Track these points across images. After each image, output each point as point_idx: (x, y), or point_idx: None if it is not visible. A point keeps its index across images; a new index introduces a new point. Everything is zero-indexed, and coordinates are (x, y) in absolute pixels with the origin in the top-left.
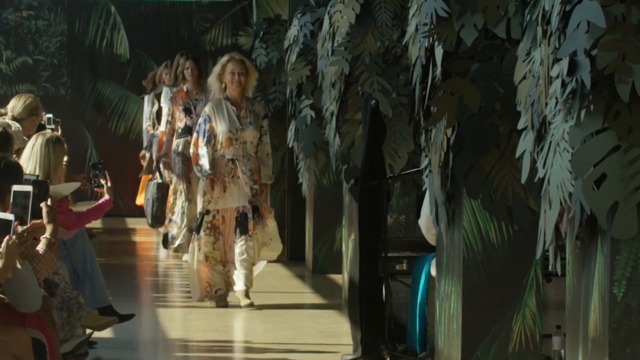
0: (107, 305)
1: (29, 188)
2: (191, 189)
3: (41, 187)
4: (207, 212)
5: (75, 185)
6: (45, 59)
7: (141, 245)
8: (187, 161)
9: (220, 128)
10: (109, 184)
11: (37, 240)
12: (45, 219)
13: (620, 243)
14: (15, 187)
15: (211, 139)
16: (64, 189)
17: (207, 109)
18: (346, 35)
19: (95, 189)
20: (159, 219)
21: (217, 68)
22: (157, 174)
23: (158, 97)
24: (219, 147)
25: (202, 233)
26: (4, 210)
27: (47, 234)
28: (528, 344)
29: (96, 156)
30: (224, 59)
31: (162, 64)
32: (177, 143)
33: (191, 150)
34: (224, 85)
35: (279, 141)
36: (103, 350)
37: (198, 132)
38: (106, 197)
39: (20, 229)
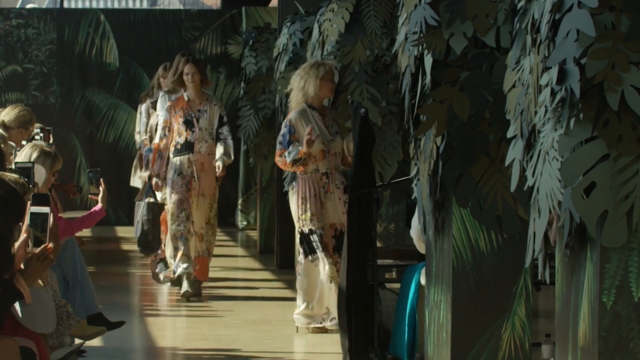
0: (98, 312)
1: (46, 209)
2: (191, 214)
3: (41, 200)
4: (311, 231)
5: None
6: (35, 67)
7: (130, 254)
8: (190, 182)
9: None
10: (103, 192)
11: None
12: (47, 236)
13: (609, 251)
14: (33, 209)
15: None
16: None
17: (292, 118)
18: (336, 44)
19: (90, 195)
20: (150, 244)
21: (314, 80)
22: (150, 192)
23: (155, 105)
24: (311, 161)
25: (320, 254)
26: None
27: None
28: (517, 353)
29: (85, 164)
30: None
31: (160, 66)
32: (176, 161)
33: (278, 162)
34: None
35: (268, 149)
36: (92, 359)
37: (282, 143)
38: (99, 205)
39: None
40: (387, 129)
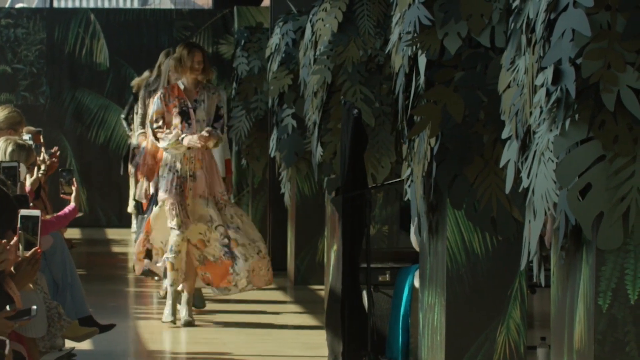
0: (88, 315)
1: (37, 212)
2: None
3: (21, 202)
4: None
5: None
6: (24, 67)
7: (121, 256)
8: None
9: None
10: (75, 192)
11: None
12: (38, 239)
13: (605, 254)
14: (23, 212)
15: None
16: None
17: None
18: (328, 44)
19: (62, 195)
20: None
21: None
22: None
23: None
24: None
25: None
26: None
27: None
28: (512, 356)
29: (75, 166)
30: None
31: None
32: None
33: None
34: None
35: (260, 150)
36: None
37: None
38: (72, 204)
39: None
40: (380, 130)
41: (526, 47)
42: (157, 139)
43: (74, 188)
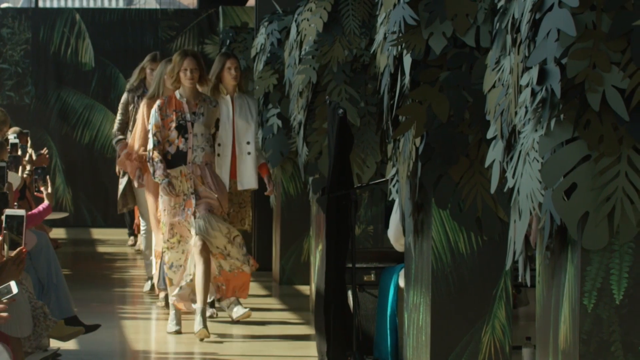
0: (73, 315)
1: (21, 212)
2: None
3: (2, 201)
4: None
5: None
6: (10, 67)
7: (106, 256)
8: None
9: None
10: (49, 190)
11: None
12: (23, 239)
13: (590, 254)
14: (8, 212)
15: None
16: None
17: None
18: (314, 44)
19: (36, 193)
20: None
21: None
22: None
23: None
24: None
25: None
26: None
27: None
28: (497, 356)
29: (61, 166)
30: None
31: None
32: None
33: None
34: None
35: None
36: None
37: None
38: (45, 203)
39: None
40: (365, 130)
41: (511, 47)
42: (151, 157)
43: (42, 189)
